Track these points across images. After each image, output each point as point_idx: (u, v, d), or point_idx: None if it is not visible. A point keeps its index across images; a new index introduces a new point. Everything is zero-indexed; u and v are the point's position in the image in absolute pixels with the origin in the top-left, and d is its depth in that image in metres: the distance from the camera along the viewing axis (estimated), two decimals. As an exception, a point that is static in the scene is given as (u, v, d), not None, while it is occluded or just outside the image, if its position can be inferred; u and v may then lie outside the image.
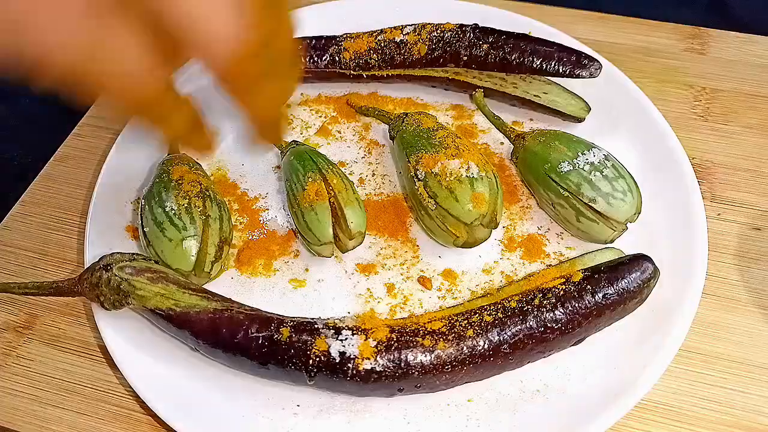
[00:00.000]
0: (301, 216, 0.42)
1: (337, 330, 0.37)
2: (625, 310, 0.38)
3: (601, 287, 0.37)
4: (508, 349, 0.36)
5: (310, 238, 0.42)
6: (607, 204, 0.41)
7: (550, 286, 0.38)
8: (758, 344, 0.41)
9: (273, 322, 0.37)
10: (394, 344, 0.36)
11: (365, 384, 0.36)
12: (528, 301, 0.38)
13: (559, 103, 0.49)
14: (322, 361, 0.36)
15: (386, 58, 0.51)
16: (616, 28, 0.59)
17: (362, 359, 0.35)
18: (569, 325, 0.37)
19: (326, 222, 0.41)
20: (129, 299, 0.38)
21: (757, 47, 0.57)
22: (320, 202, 0.42)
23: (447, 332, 0.36)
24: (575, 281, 0.38)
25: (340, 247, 0.43)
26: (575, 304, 0.37)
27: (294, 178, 0.44)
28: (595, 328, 0.38)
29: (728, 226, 0.46)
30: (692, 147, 0.50)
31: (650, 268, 0.38)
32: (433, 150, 0.43)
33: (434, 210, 0.42)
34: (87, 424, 0.40)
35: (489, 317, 0.37)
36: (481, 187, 0.41)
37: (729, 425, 0.38)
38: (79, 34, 0.24)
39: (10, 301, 0.45)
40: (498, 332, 0.36)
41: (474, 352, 0.36)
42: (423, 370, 0.36)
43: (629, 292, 0.37)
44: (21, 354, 0.43)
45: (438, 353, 0.36)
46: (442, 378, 0.36)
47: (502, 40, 0.48)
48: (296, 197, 0.43)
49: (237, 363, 0.37)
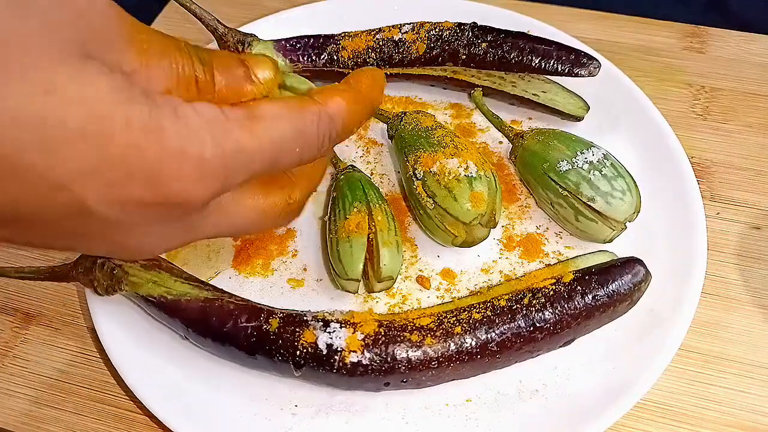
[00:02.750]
0: (335, 244, 0.40)
1: (326, 322, 0.37)
2: (615, 313, 0.38)
3: (592, 289, 0.37)
4: (496, 348, 0.36)
5: (338, 270, 0.40)
6: (606, 203, 0.41)
7: (540, 286, 0.38)
8: (758, 344, 0.41)
9: (263, 313, 0.37)
10: (382, 338, 0.36)
11: (351, 377, 0.36)
12: (517, 301, 0.37)
13: (558, 102, 0.49)
14: (309, 352, 0.36)
15: (384, 57, 0.50)
16: (616, 27, 0.59)
17: (349, 352, 0.35)
18: (558, 326, 0.37)
19: (359, 257, 0.39)
20: (121, 285, 0.38)
21: (756, 46, 0.57)
22: (358, 235, 0.40)
23: (435, 328, 0.36)
24: (566, 282, 0.38)
25: (366, 287, 0.42)
26: (564, 304, 0.37)
27: (339, 203, 0.42)
28: (584, 330, 0.38)
29: (728, 226, 0.46)
30: (692, 146, 0.50)
31: (642, 271, 0.38)
32: (431, 149, 0.43)
33: (433, 209, 0.42)
34: (84, 425, 0.40)
35: (478, 315, 0.37)
36: (479, 187, 0.41)
37: (729, 425, 0.38)
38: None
39: (7, 301, 0.45)
40: (486, 330, 0.36)
41: (461, 349, 0.36)
42: (409, 365, 0.36)
43: (620, 295, 0.37)
44: (17, 354, 0.43)
45: (425, 349, 0.36)
46: (429, 374, 0.36)
47: (501, 39, 0.48)
48: (336, 224, 0.41)
49: (225, 352, 0.37)
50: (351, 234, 0.40)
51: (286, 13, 0.57)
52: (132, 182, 0.23)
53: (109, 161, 0.22)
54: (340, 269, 0.40)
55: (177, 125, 0.24)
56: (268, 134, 0.26)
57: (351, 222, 0.41)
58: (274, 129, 0.26)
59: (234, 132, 0.25)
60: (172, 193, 0.24)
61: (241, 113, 0.26)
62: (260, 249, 0.45)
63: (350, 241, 0.40)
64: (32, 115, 0.21)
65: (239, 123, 0.25)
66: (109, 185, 0.23)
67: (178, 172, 0.24)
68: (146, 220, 0.25)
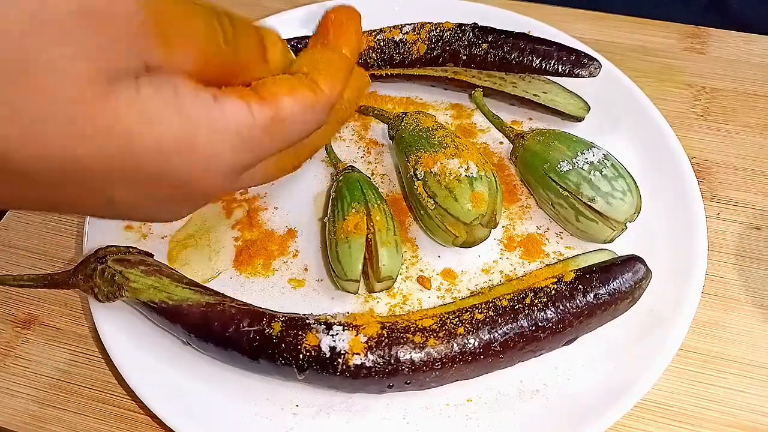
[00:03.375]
0: (335, 245, 0.40)
1: (329, 325, 0.37)
2: (617, 311, 0.38)
3: (593, 287, 0.37)
4: (499, 348, 0.36)
5: (338, 271, 0.40)
6: (607, 204, 0.41)
7: (542, 285, 0.38)
8: (758, 344, 0.41)
9: (265, 317, 0.37)
10: (385, 340, 0.36)
11: (355, 380, 0.36)
12: (519, 300, 0.37)
13: (558, 103, 0.49)
14: (312, 355, 0.36)
15: (385, 57, 0.51)
16: (616, 28, 0.59)
17: (352, 354, 0.35)
18: (560, 325, 0.37)
19: (358, 258, 0.40)
20: (122, 291, 0.38)
21: (756, 46, 0.57)
22: (357, 236, 0.40)
23: (438, 329, 0.36)
24: (567, 281, 0.38)
25: (367, 287, 0.42)
26: (566, 303, 0.37)
27: (339, 204, 0.42)
28: (586, 329, 0.38)
29: (728, 226, 0.46)
30: (692, 146, 0.50)
31: (642, 269, 0.38)
32: (432, 149, 0.43)
33: (433, 209, 0.42)
34: (85, 425, 0.40)
35: (480, 315, 0.37)
36: (480, 187, 0.41)
37: (729, 425, 0.38)
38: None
39: (9, 301, 0.45)
40: (489, 330, 0.36)
41: (464, 350, 0.36)
42: (413, 367, 0.36)
43: (621, 293, 0.37)
44: (19, 354, 0.43)
45: (428, 350, 0.36)
46: (432, 375, 0.36)
47: (502, 39, 0.48)
48: (335, 225, 0.42)
49: (228, 357, 0.37)
50: (349, 235, 0.40)
51: (287, 13, 0.57)
52: (160, 185, 0.26)
53: (136, 161, 0.24)
54: (339, 270, 0.40)
55: (208, 130, 0.26)
56: (288, 133, 0.29)
57: (349, 223, 0.41)
58: (293, 127, 0.29)
59: (260, 136, 0.28)
60: (197, 191, 0.28)
61: (268, 114, 0.28)
62: (261, 249, 0.45)
63: (349, 242, 0.40)
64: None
65: (265, 126, 0.28)
66: (137, 184, 0.25)
67: (206, 174, 0.27)
68: (171, 205, 0.29)
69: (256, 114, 0.27)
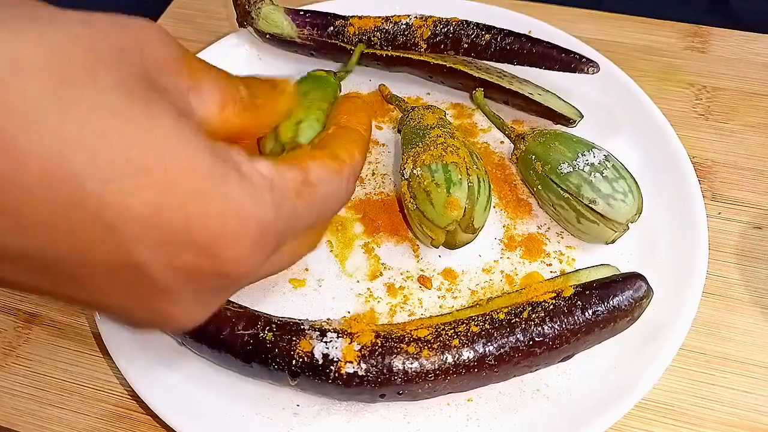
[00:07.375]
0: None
1: (323, 332, 0.36)
2: (616, 329, 0.37)
3: (592, 304, 0.37)
4: (493, 362, 0.36)
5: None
6: (608, 205, 0.40)
7: (540, 300, 0.38)
8: (759, 343, 0.41)
9: (260, 321, 0.37)
10: (378, 349, 0.35)
11: (347, 388, 0.35)
12: (516, 314, 0.37)
13: (551, 104, 0.49)
14: (305, 362, 0.35)
15: (389, 38, 0.51)
16: (617, 27, 0.59)
17: (345, 363, 0.35)
18: (557, 341, 0.36)
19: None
20: None
21: (758, 45, 0.57)
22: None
23: (432, 340, 0.36)
24: (566, 296, 0.37)
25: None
26: (564, 319, 0.36)
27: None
28: (583, 345, 0.37)
29: (729, 225, 0.46)
30: (693, 146, 0.50)
31: (644, 287, 0.37)
32: (421, 150, 0.43)
33: (414, 211, 0.42)
34: (87, 424, 0.40)
35: (476, 328, 0.36)
36: (457, 192, 0.40)
37: (731, 425, 0.38)
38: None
39: (10, 301, 0.45)
40: (484, 343, 0.36)
41: (458, 362, 0.35)
42: (406, 378, 0.35)
43: (620, 311, 0.37)
44: (21, 354, 0.43)
45: (422, 361, 0.35)
46: (425, 386, 0.36)
47: (505, 34, 0.49)
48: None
49: (221, 359, 0.37)
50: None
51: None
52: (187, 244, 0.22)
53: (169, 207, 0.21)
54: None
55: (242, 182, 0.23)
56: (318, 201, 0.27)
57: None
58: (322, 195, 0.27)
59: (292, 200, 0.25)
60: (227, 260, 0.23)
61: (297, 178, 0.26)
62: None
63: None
64: (93, 142, 0.19)
65: (296, 190, 0.25)
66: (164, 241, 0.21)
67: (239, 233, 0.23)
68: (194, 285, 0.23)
69: (285, 175, 0.25)
